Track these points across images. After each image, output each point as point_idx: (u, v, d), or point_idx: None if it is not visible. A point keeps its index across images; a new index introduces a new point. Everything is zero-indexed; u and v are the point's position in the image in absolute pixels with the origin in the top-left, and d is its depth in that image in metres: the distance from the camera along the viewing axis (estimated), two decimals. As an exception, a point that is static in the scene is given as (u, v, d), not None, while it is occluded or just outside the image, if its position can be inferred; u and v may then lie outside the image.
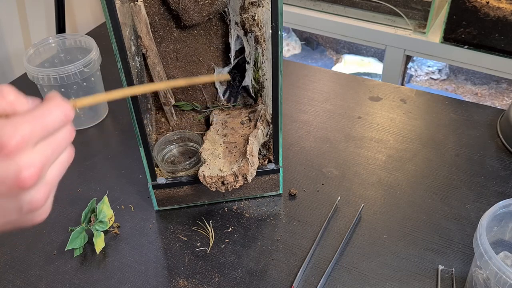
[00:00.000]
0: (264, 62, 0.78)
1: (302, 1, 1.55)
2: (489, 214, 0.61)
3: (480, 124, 0.95)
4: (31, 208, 0.39)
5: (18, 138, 0.36)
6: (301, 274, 0.70)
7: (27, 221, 0.41)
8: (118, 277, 0.71)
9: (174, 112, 0.84)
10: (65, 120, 0.40)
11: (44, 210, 0.41)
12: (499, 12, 1.22)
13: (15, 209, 0.38)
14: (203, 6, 0.72)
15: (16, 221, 0.40)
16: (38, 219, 0.41)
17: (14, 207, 0.38)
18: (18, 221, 0.40)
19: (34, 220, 0.41)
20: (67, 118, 0.40)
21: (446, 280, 0.69)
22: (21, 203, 0.38)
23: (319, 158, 0.89)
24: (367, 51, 2.26)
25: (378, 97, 1.04)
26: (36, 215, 0.41)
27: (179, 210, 0.81)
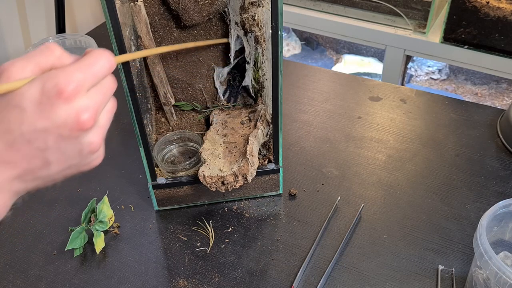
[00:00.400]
0: (264, 62, 0.78)
1: (302, 1, 1.55)
2: (489, 214, 0.61)
3: (480, 124, 0.95)
4: (90, 149, 0.42)
5: (74, 84, 0.39)
6: (301, 274, 0.70)
7: (86, 165, 0.44)
8: (118, 277, 0.71)
9: (174, 112, 0.84)
10: (109, 68, 0.43)
11: (100, 153, 0.45)
12: (499, 12, 1.22)
13: (76, 151, 0.42)
14: (203, 6, 0.72)
15: (76, 165, 0.43)
16: (95, 162, 0.45)
17: (75, 149, 0.41)
18: (78, 165, 0.43)
19: (92, 164, 0.45)
20: (111, 66, 0.43)
21: (446, 280, 0.69)
22: (81, 145, 0.41)
23: (319, 158, 0.89)
24: (367, 51, 2.26)
25: (378, 97, 1.04)
26: (94, 157, 0.44)
27: (179, 210, 0.81)
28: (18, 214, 0.81)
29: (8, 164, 0.40)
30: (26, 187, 0.43)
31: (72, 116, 0.39)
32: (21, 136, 0.39)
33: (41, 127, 0.39)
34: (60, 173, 0.43)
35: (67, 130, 0.40)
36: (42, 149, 0.40)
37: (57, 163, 0.42)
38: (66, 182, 0.86)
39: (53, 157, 0.41)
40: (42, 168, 0.41)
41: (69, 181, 0.86)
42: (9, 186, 0.41)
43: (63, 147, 0.41)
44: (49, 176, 0.43)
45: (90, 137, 0.42)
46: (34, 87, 0.39)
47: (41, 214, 0.81)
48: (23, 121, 0.39)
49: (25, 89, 0.39)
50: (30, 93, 0.39)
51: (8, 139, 0.39)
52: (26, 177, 0.41)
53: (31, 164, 0.41)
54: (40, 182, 0.43)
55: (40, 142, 0.40)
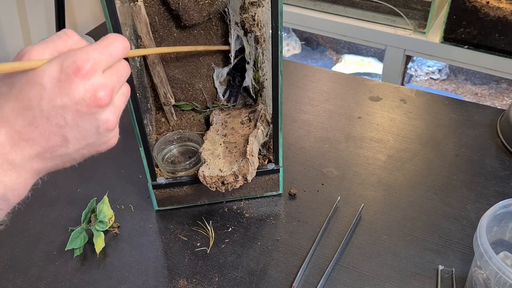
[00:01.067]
0: (264, 62, 0.78)
1: (302, 1, 1.55)
2: (489, 214, 0.61)
3: (480, 124, 0.95)
4: (107, 127, 0.44)
5: (91, 62, 0.41)
6: (301, 274, 0.70)
7: (103, 144, 0.46)
8: (118, 277, 0.71)
9: (174, 112, 0.84)
10: (124, 50, 0.45)
11: (115, 133, 0.46)
12: (499, 12, 1.22)
13: (93, 129, 0.43)
14: (203, 6, 0.72)
15: (94, 144, 0.44)
16: (111, 142, 0.46)
17: (93, 126, 0.43)
18: (95, 143, 0.45)
19: (109, 143, 0.46)
20: (126, 48, 0.45)
21: (446, 280, 0.69)
22: (98, 122, 0.43)
23: (319, 158, 0.89)
24: (367, 51, 2.26)
25: (378, 97, 1.04)
26: (110, 137, 0.45)
27: (179, 210, 0.81)
28: (18, 214, 0.81)
29: (27, 141, 0.41)
30: (46, 166, 0.43)
31: (90, 93, 0.41)
32: (41, 113, 0.40)
33: (60, 103, 0.40)
34: (78, 152, 0.44)
35: (85, 106, 0.41)
36: (61, 126, 0.41)
37: (75, 141, 0.43)
38: (66, 182, 0.86)
39: (71, 134, 0.42)
40: (61, 146, 0.42)
41: (69, 181, 0.87)
42: (29, 164, 0.42)
43: (81, 124, 0.42)
44: (68, 154, 0.44)
45: (106, 114, 0.43)
46: (53, 65, 0.41)
47: (41, 214, 0.81)
48: (43, 98, 0.40)
49: (45, 67, 0.41)
50: (50, 71, 0.41)
51: (28, 116, 0.40)
52: (45, 155, 0.42)
53: (50, 142, 0.42)
54: (59, 161, 0.44)
55: (59, 119, 0.41)
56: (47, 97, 0.40)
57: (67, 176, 0.88)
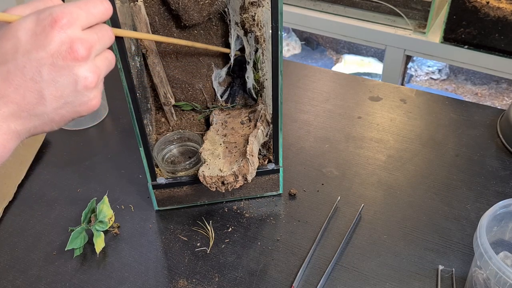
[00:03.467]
0: (264, 62, 0.78)
1: (302, 1, 1.55)
2: (489, 214, 0.61)
3: (480, 124, 0.95)
4: (85, 85, 0.42)
5: (68, 15, 0.40)
6: (301, 274, 0.70)
7: (83, 105, 0.44)
8: (118, 277, 0.71)
9: (174, 112, 0.84)
10: (105, 11, 0.44)
11: (96, 93, 0.44)
12: (499, 12, 1.23)
13: (70, 84, 0.41)
14: (203, 6, 0.72)
15: (72, 103, 0.43)
16: (92, 103, 0.44)
17: (70, 82, 0.41)
18: (74, 102, 0.43)
19: (89, 104, 0.44)
20: (107, 11, 0.44)
21: (446, 280, 0.69)
22: (76, 77, 0.42)
23: (319, 158, 0.89)
24: (367, 51, 2.26)
25: (378, 97, 1.04)
26: (91, 97, 0.44)
27: (179, 210, 0.81)
28: (18, 214, 0.81)
29: (1, 99, 0.40)
30: (24, 127, 0.42)
31: (66, 45, 0.40)
32: (15, 67, 0.40)
33: (35, 56, 0.40)
34: (57, 112, 0.43)
35: (61, 59, 0.40)
36: (36, 81, 0.40)
37: (53, 98, 0.42)
38: (66, 182, 0.86)
39: (48, 90, 0.41)
40: (38, 103, 0.41)
41: (69, 181, 0.87)
42: (5, 125, 0.41)
43: (58, 79, 0.41)
44: (46, 113, 0.42)
45: (84, 70, 0.42)
46: (29, 18, 0.40)
47: (41, 214, 0.81)
48: (17, 50, 0.40)
49: (21, 20, 0.40)
50: (26, 23, 0.40)
51: (2, 71, 0.40)
52: (22, 113, 0.41)
53: (25, 98, 0.41)
54: (38, 121, 0.43)
55: (34, 72, 0.40)
56: (22, 49, 0.39)
57: (67, 176, 0.88)
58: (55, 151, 0.93)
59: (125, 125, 0.99)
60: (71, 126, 0.98)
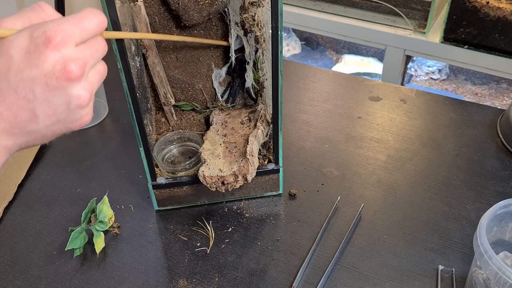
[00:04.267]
0: (264, 62, 0.78)
1: (302, 1, 1.55)
2: (489, 214, 0.61)
3: (480, 124, 0.95)
4: (78, 103, 0.42)
5: (62, 33, 0.39)
6: (301, 274, 0.70)
7: (74, 122, 0.43)
8: (118, 277, 0.71)
9: (174, 112, 0.84)
10: (99, 24, 0.43)
11: (88, 110, 0.44)
12: (499, 12, 1.22)
13: (64, 104, 0.41)
14: (203, 6, 0.72)
15: (65, 120, 0.42)
16: (83, 120, 0.44)
17: (63, 101, 0.41)
18: (67, 120, 0.43)
19: (81, 121, 0.44)
20: (102, 24, 0.43)
21: (446, 280, 0.69)
22: (69, 97, 0.41)
23: (319, 158, 0.89)
24: (367, 51, 2.26)
25: (378, 97, 1.04)
26: (83, 114, 0.43)
27: (179, 210, 0.81)
28: (18, 214, 0.81)
29: None
30: (15, 143, 0.42)
31: (60, 64, 0.39)
32: (8, 85, 0.39)
33: (28, 75, 0.39)
34: (49, 128, 0.42)
35: (54, 79, 0.39)
36: (29, 100, 0.40)
37: (45, 116, 0.41)
38: (66, 182, 0.86)
39: (41, 109, 0.40)
40: (30, 121, 0.41)
41: (69, 181, 0.87)
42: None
43: (51, 98, 0.40)
44: (38, 130, 0.42)
45: (78, 89, 0.41)
46: (22, 35, 0.39)
47: (41, 214, 0.81)
48: (10, 69, 0.39)
49: (13, 37, 0.39)
50: (18, 41, 0.39)
51: None
52: (14, 131, 0.41)
53: (18, 117, 0.40)
54: (29, 137, 0.42)
55: (27, 91, 0.39)
56: (15, 68, 0.39)
57: (67, 176, 0.88)
58: (55, 151, 0.93)
59: (125, 125, 0.99)
60: (71, 126, 0.98)
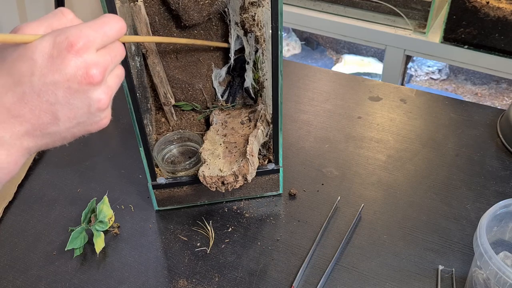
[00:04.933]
0: (264, 62, 0.78)
1: (302, 1, 1.55)
2: (489, 214, 0.61)
3: (480, 124, 0.95)
4: (99, 106, 0.44)
5: (85, 39, 0.41)
6: (301, 274, 0.70)
7: (94, 124, 0.45)
8: (118, 277, 0.72)
9: (174, 112, 0.84)
10: (119, 30, 0.44)
11: (107, 113, 0.46)
12: (499, 12, 1.23)
13: (85, 107, 0.43)
14: (203, 6, 0.72)
15: (84, 123, 0.44)
16: (103, 122, 0.46)
17: (84, 105, 0.42)
18: (87, 122, 0.44)
19: (100, 124, 0.46)
20: (122, 30, 0.45)
21: (446, 280, 0.69)
22: (90, 100, 0.42)
23: (319, 158, 0.89)
24: (367, 51, 2.26)
25: (378, 97, 1.04)
26: (102, 117, 0.45)
27: (179, 210, 0.81)
28: (18, 214, 0.81)
29: (16, 118, 0.40)
30: (36, 144, 0.43)
31: (82, 69, 0.41)
32: (31, 89, 0.40)
33: (51, 79, 0.40)
34: (69, 131, 0.44)
35: (76, 83, 0.41)
36: (51, 103, 0.41)
37: (66, 119, 0.42)
38: (66, 182, 0.86)
39: (62, 112, 0.42)
40: (51, 124, 0.42)
41: (69, 181, 0.87)
42: (19, 142, 0.41)
43: (72, 102, 0.42)
44: (59, 133, 0.43)
45: (98, 93, 0.43)
46: (45, 40, 0.40)
47: (41, 214, 0.81)
48: (34, 73, 0.40)
49: (37, 42, 0.40)
50: (42, 46, 0.40)
51: (18, 92, 0.40)
52: (35, 132, 0.42)
53: (40, 119, 0.41)
54: (50, 139, 0.43)
55: (50, 95, 0.41)
56: (38, 72, 0.40)
57: (67, 176, 0.88)
58: (55, 151, 0.93)
59: (125, 125, 0.99)
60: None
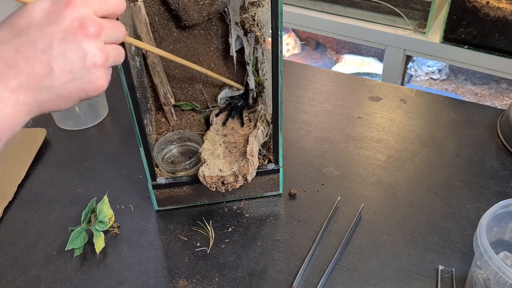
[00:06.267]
0: (264, 62, 0.78)
1: (302, 1, 1.55)
2: (489, 214, 0.61)
3: (480, 124, 0.95)
4: (93, 61, 0.44)
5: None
6: (301, 274, 0.70)
7: (90, 83, 0.45)
8: (118, 277, 0.71)
9: (174, 112, 0.84)
10: (120, 7, 0.46)
11: (103, 74, 0.46)
12: (499, 12, 1.23)
13: (79, 59, 0.43)
14: (203, 6, 0.72)
15: (80, 79, 0.44)
16: (99, 82, 0.45)
17: (78, 57, 0.43)
18: (82, 80, 0.44)
19: (97, 83, 0.45)
20: (121, 6, 0.46)
21: (446, 280, 0.69)
22: (84, 53, 0.43)
23: (319, 158, 0.89)
24: (367, 51, 2.26)
25: (378, 97, 1.04)
26: (98, 75, 0.45)
27: (179, 210, 0.81)
28: (18, 214, 0.81)
29: (12, 69, 0.42)
30: (33, 99, 0.43)
31: (77, 21, 0.43)
32: (27, 39, 0.42)
33: (47, 30, 0.42)
34: (64, 86, 0.44)
35: (72, 34, 0.42)
36: (46, 53, 0.42)
37: (61, 71, 0.43)
38: (66, 182, 0.86)
39: (57, 63, 0.43)
40: (46, 76, 0.43)
41: (69, 181, 0.87)
42: (14, 96, 0.42)
43: (67, 52, 0.43)
44: (54, 87, 0.44)
45: (93, 47, 0.44)
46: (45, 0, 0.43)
47: (41, 214, 0.81)
48: (31, 25, 0.42)
49: (37, 2, 0.43)
50: (41, 3, 0.43)
51: (15, 43, 0.42)
52: (30, 85, 0.42)
53: (34, 70, 0.42)
54: (46, 95, 0.44)
55: (45, 45, 0.42)
56: (36, 24, 0.42)
57: (67, 176, 0.88)
58: (55, 151, 0.93)
59: (125, 125, 0.99)
60: (71, 126, 0.98)
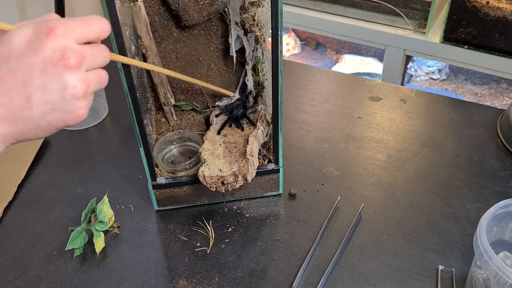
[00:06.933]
0: (264, 62, 0.78)
1: (302, 1, 1.55)
2: (489, 214, 0.61)
3: (480, 124, 0.95)
4: (74, 93, 0.43)
5: (65, 27, 0.42)
6: (301, 274, 0.70)
7: (70, 113, 0.44)
8: (118, 277, 0.71)
9: (174, 112, 0.84)
10: (103, 32, 0.45)
11: (83, 104, 0.45)
12: (499, 12, 1.23)
13: (58, 91, 0.42)
14: (203, 6, 0.72)
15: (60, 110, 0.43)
16: (79, 112, 0.45)
17: (58, 88, 0.42)
18: (62, 110, 0.44)
19: (76, 113, 0.45)
20: (105, 31, 0.45)
21: (446, 280, 0.69)
22: (64, 85, 0.42)
23: (319, 158, 0.89)
24: (367, 51, 2.26)
25: (378, 97, 1.04)
26: (79, 106, 0.44)
27: (179, 210, 0.81)
28: (18, 214, 0.81)
29: None
30: (10, 131, 0.43)
31: (58, 52, 0.41)
32: (6, 69, 0.41)
33: (27, 60, 0.41)
34: (43, 117, 0.43)
35: (52, 65, 0.41)
36: (26, 84, 0.41)
37: (40, 102, 0.42)
38: (66, 182, 0.86)
39: (36, 95, 0.42)
40: (25, 108, 0.42)
41: (69, 181, 0.87)
42: None
43: (47, 84, 0.42)
44: (32, 118, 0.43)
45: (74, 79, 0.43)
46: (27, 27, 0.42)
47: (41, 214, 0.81)
48: (11, 55, 0.41)
49: (19, 29, 0.42)
50: (22, 32, 0.42)
51: None
52: (8, 116, 0.42)
53: (13, 102, 0.41)
54: (24, 125, 0.43)
55: (24, 76, 0.41)
56: (15, 54, 0.41)
57: (67, 176, 0.88)
58: (55, 151, 0.93)
59: (125, 125, 0.99)
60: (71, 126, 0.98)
